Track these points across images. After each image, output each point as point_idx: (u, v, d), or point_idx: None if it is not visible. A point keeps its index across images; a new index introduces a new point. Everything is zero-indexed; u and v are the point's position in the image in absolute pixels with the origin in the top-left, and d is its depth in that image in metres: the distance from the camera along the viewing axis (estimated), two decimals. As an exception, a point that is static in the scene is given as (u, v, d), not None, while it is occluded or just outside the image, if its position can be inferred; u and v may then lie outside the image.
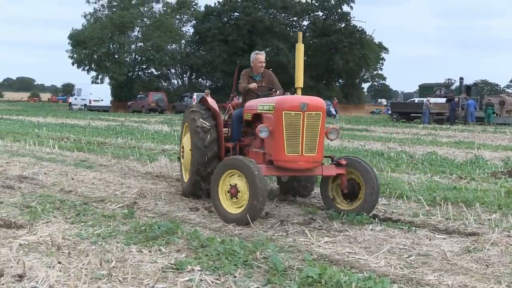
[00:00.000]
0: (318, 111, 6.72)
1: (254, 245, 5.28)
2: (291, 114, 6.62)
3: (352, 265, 4.94)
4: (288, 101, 6.85)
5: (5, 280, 4.26)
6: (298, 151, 6.61)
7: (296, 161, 6.63)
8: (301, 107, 6.61)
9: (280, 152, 6.63)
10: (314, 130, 6.67)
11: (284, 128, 6.61)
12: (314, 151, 6.68)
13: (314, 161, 6.74)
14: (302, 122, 6.59)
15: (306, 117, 6.61)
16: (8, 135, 18.66)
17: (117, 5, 65.89)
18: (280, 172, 6.99)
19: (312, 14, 69.44)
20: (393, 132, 26.16)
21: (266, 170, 6.70)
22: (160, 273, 4.52)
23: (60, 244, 5.27)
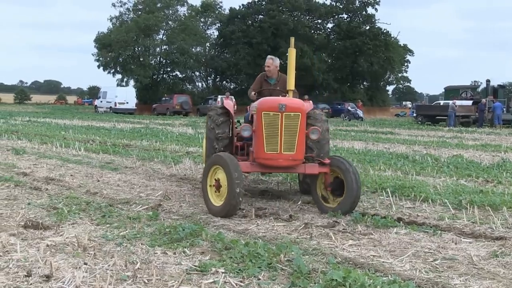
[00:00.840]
0: (297, 112, 7.08)
1: (278, 247, 5.26)
2: (270, 115, 7.06)
3: (376, 268, 4.89)
4: (268, 102, 7.24)
5: (33, 280, 4.32)
6: (277, 149, 7.02)
7: (276, 159, 7.06)
8: (279, 108, 7.01)
9: (260, 150, 7.10)
10: (293, 130, 7.04)
11: (263, 127, 7.05)
12: (293, 150, 7.04)
13: (293, 159, 7.09)
14: (280, 122, 7.01)
15: (285, 117, 7.02)
16: (35, 137, 18.94)
17: (142, 8, 66.50)
18: (262, 169, 7.42)
19: (336, 16, 69.20)
20: (418, 135, 25.91)
21: (248, 166, 7.24)
22: (184, 275, 4.54)
23: (86, 245, 5.32)
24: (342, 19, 69.04)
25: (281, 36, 61.72)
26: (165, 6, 67.45)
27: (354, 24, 66.85)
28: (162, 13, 66.60)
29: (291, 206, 7.66)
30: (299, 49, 61.33)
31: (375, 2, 67.43)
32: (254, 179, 10.26)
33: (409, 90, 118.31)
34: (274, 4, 64.01)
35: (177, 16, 68.74)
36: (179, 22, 67.12)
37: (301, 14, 66.83)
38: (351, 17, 68.92)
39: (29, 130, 23.09)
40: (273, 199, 8.36)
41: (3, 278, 4.36)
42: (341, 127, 32.64)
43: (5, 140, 17.61)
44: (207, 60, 68.04)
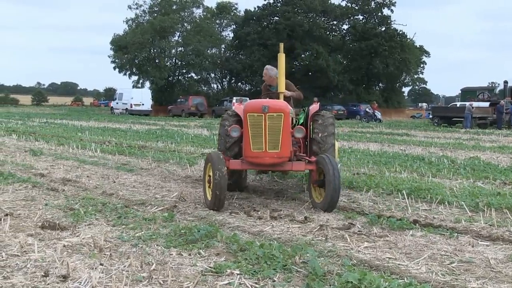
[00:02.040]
0: (279, 112, 7.53)
1: (293, 249, 5.26)
2: (254, 116, 7.55)
3: (392, 270, 4.87)
4: (252, 104, 7.76)
5: (50, 280, 4.37)
6: (262, 148, 7.50)
7: (261, 157, 7.54)
8: (263, 109, 7.49)
9: (247, 148, 7.61)
10: (276, 129, 7.49)
11: (249, 127, 7.54)
12: (278, 148, 7.50)
13: (278, 157, 7.54)
14: (264, 123, 7.48)
15: (268, 118, 7.49)
16: (52, 138, 19.11)
17: (158, 10, 66.80)
18: (250, 167, 7.90)
19: (352, 17, 68.99)
20: (434, 136, 25.73)
21: (239, 164, 7.76)
22: (199, 276, 4.55)
23: (102, 246, 5.37)
24: (357, 20, 68.78)
25: (296, 38, 61.72)
26: (181, 8, 67.68)
27: (370, 25, 66.56)
28: (177, 15, 66.84)
29: (306, 207, 7.64)
30: (315, 50, 61.38)
31: (391, 3, 67.13)
32: (269, 180, 10.27)
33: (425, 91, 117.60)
34: (290, 5, 63.95)
35: (192, 18, 68.95)
36: (195, 24, 67.32)
37: (316, 15, 66.71)
38: (366, 19, 68.66)
39: (46, 131, 23.31)
40: (288, 200, 8.35)
41: (21, 278, 4.41)
42: (356, 128, 32.51)
43: (23, 141, 17.79)
44: (222, 62, 68.17)
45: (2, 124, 27.57)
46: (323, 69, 60.46)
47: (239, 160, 7.83)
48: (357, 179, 9.91)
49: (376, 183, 9.46)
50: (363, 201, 8.17)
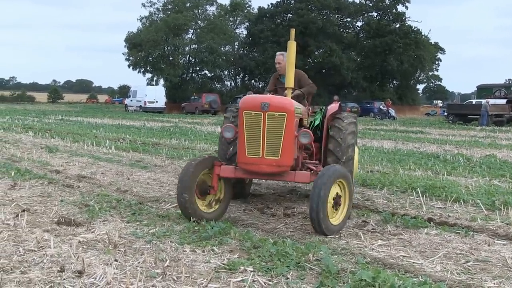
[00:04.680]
0: (282, 112, 6.26)
1: (306, 247, 5.26)
2: (251, 114, 6.30)
3: (406, 269, 4.85)
4: (250, 100, 6.44)
5: (66, 275, 4.40)
6: (259, 154, 6.26)
7: (257, 164, 6.29)
8: (262, 107, 6.24)
9: (242, 153, 6.36)
10: (277, 132, 6.23)
11: (245, 128, 6.33)
12: (277, 155, 6.23)
13: (278, 165, 6.27)
14: (263, 123, 6.24)
15: (268, 117, 6.24)
16: (67, 135, 19.25)
17: (171, 8, 66.99)
18: (244, 175, 6.62)
19: (366, 14, 68.68)
20: (449, 134, 25.57)
21: (232, 171, 6.55)
22: (213, 273, 4.56)
23: (117, 242, 5.39)
24: (371, 17, 68.48)
25: (309, 35, 61.54)
26: (194, 5, 67.84)
27: (384, 22, 66.23)
28: (191, 12, 67.01)
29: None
30: (328, 47, 61.19)
31: (406, 0, 66.73)
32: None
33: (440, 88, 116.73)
34: (303, 2, 63.78)
35: (206, 16, 69.12)
36: (208, 21, 67.46)
37: (330, 12, 66.47)
38: (381, 15, 68.31)
39: (62, 128, 23.48)
40: (301, 198, 8.35)
41: (38, 273, 4.45)
42: (370, 126, 32.38)
43: (39, 138, 17.94)
44: (235, 59, 68.22)
45: (19, 121, 27.81)
46: (337, 66, 60.26)
47: (232, 167, 6.57)
48: (371, 177, 9.88)
49: (390, 181, 9.43)
50: (377, 199, 8.16)
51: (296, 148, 6.53)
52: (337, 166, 6.32)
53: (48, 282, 4.25)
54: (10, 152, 13.42)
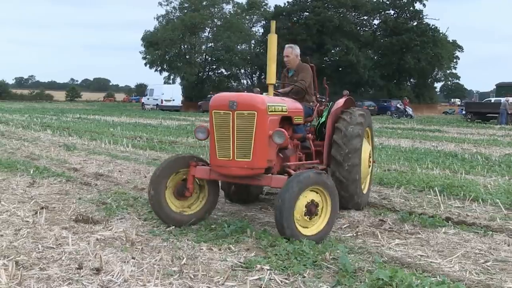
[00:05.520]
0: (251, 110, 5.77)
1: (323, 245, 5.26)
2: (220, 113, 5.89)
3: (424, 268, 4.82)
4: (219, 98, 6.02)
5: (84, 272, 4.44)
6: (230, 156, 5.85)
7: (228, 167, 5.88)
8: (230, 106, 5.80)
9: (213, 155, 5.98)
10: (247, 132, 5.78)
11: (214, 128, 5.95)
12: (249, 157, 5.78)
13: (250, 168, 5.81)
14: (232, 123, 5.81)
15: (237, 117, 5.79)
16: (85, 133, 19.41)
17: (188, 6, 67.20)
18: (218, 177, 6.22)
19: (383, 12, 68.30)
20: (467, 133, 25.33)
21: (205, 172, 6.17)
22: (230, 271, 4.57)
23: (134, 240, 5.43)
24: (388, 15, 68.08)
25: (326, 33, 61.39)
26: (211, 4, 68.00)
27: (401, 20, 65.83)
28: (207, 11, 67.17)
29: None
30: (345, 46, 60.96)
31: (423, -2, 66.26)
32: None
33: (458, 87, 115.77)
34: (320, 1, 63.63)
35: (222, 14, 69.27)
36: (225, 20, 67.58)
37: (346, 10, 66.21)
38: (398, 13, 67.88)
39: (80, 126, 23.66)
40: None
41: (57, 269, 4.50)
42: (387, 124, 32.20)
43: (57, 137, 18.09)
44: (252, 57, 68.26)
45: (37, 120, 28.08)
46: (354, 64, 60.01)
47: (208, 168, 6.16)
48: (387, 176, 9.82)
49: (408, 179, 9.37)
50: (394, 198, 8.11)
51: (274, 150, 6.01)
52: (309, 172, 5.71)
53: (66, 279, 4.29)
54: (29, 150, 13.56)
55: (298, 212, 5.48)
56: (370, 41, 66.54)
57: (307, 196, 5.57)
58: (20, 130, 20.86)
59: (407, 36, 62.19)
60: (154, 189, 6.06)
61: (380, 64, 65.94)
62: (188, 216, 6.24)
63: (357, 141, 6.99)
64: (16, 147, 14.17)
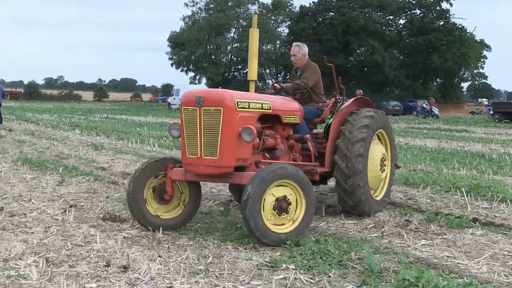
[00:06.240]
0: (217, 106, 5.56)
1: (348, 245, 5.25)
2: (188, 110, 5.72)
3: (451, 269, 4.77)
4: (187, 94, 5.89)
5: (111, 270, 4.52)
6: (197, 153, 5.65)
7: (196, 165, 5.68)
8: (197, 102, 5.62)
9: (183, 153, 5.82)
10: (214, 129, 5.57)
11: (184, 125, 5.79)
12: (216, 154, 5.56)
13: (217, 166, 5.59)
14: (199, 119, 5.63)
15: (203, 113, 5.60)
16: (112, 133, 19.64)
17: (214, 7, 67.51)
18: (190, 177, 5.92)
19: (409, 12, 67.69)
20: (495, 133, 24.99)
21: (181, 174, 5.92)
22: (255, 270, 4.59)
23: (160, 239, 5.50)
24: (414, 15, 67.45)
25: (351, 33, 61.11)
26: (236, 4, 68.24)
27: (428, 19, 65.19)
28: (233, 11, 67.40)
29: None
30: (370, 46, 60.58)
31: (450, -3, 65.50)
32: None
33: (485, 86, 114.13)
34: (345, 1, 63.33)
35: (248, 15, 69.35)
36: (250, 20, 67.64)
37: (372, 10, 65.80)
38: (424, 13, 67.23)
39: (107, 126, 23.94)
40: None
41: (85, 267, 4.58)
42: (413, 124, 31.92)
43: (85, 136, 18.36)
44: (277, 58, 68.24)
45: (66, 119, 28.53)
46: (379, 64, 59.59)
47: (183, 169, 5.92)
48: (413, 176, 9.75)
49: (434, 180, 9.29)
50: (420, 198, 8.04)
51: (246, 148, 5.72)
52: (278, 165, 5.53)
53: (94, 276, 4.36)
54: (58, 149, 13.79)
55: (266, 208, 5.32)
56: (396, 41, 66.01)
57: (275, 192, 5.38)
58: (49, 129, 21.23)
59: (433, 35, 61.56)
60: (132, 192, 5.87)
61: (406, 64, 65.38)
62: (165, 221, 5.99)
63: (360, 145, 6.58)
64: (45, 147, 14.44)
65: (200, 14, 69.06)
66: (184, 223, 6.11)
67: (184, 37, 64.00)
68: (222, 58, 67.85)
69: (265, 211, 5.31)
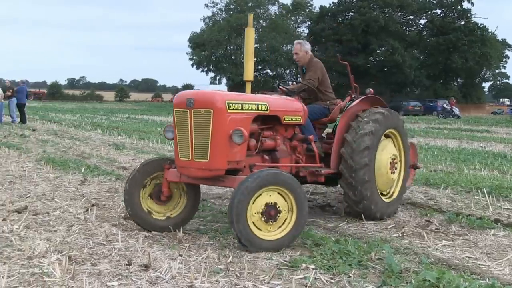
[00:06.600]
0: (208, 108, 5.45)
1: (369, 245, 5.24)
2: (180, 112, 5.64)
3: (472, 270, 4.74)
4: (179, 96, 5.80)
5: (133, 268, 4.56)
6: (189, 156, 5.57)
7: (188, 168, 5.62)
8: (187, 104, 5.53)
9: (176, 155, 5.76)
10: (204, 131, 5.47)
11: (176, 127, 5.73)
12: (206, 157, 5.46)
13: (208, 169, 5.49)
14: (190, 121, 5.53)
15: (194, 115, 5.51)
16: (134, 133, 19.81)
17: (234, 8, 67.68)
18: (184, 179, 5.86)
19: (429, 12, 67.16)
20: (517, 133, 24.68)
21: (175, 175, 5.87)
22: (275, 269, 4.60)
23: (181, 238, 5.54)
24: (435, 14, 66.92)
25: (371, 34, 60.85)
26: (256, 5, 68.34)
27: (448, 19, 64.66)
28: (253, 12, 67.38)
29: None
30: (390, 46, 60.22)
31: (472, -4, 64.86)
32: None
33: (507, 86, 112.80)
34: (365, 1, 63.08)
35: (268, 15, 69.49)
36: (270, 21, 67.78)
37: (392, 10, 65.43)
38: (445, 13, 66.68)
39: (128, 126, 24.13)
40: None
41: (107, 265, 4.64)
42: (434, 124, 31.67)
43: (107, 136, 18.54)
44: (296, 58, 68.15)
45: (88, 119, 28.86)
46: (399, 64, 59.24)
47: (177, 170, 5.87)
48: (434, 176, 9.69)
49: (455, 180, 9.22)
50: (441, 199, 7.99)
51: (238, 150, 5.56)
52: (268, 171, 5.35)
53: (116, 275, 4.41)
54: (80, 149, 13.95)
55: (253, 214, 5.18)
56: (416, 41, 65.56)
57: (264, 198, 5.24)
58: (72, 129, 21.49)
59: (454, 35, 61.07)
60: (128, 194, 5.89)
61: (426, 64, 64.93)
62: (162, 221, 5.98)
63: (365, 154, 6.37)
64: (68, 146, 14.63)
65: (220, 15, 69.35)
66: (183, 223, 6.04)
67: (205, 38, 64.28)
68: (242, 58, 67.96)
69: (252, 217, 5.18)
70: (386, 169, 6.75)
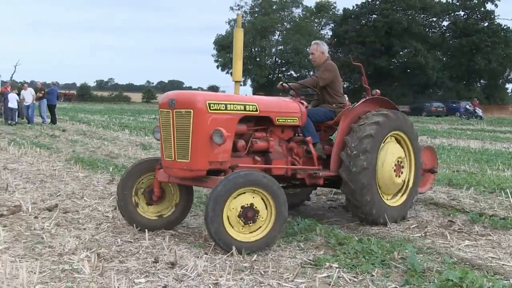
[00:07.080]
0: (188, 108, 5.41)
1: (391, 245, 5.27)
2: (164, 112, 5.64)
3: (496, 271, 4.74)
4: (163, 97, 5.76)
5: (159, 266, 4.67)
6: (172, 156, 5.55)
7: (171, 168, 5.60)
8: (170, 104, 5.52)
9: (162, 155, 5.74)
10: (185, 131, 5.43)
11: (161, 128, 5.74)
12: (187, 157, 5.42)
13: (189, 169, 5.44)
14: (172, 122, 5.52)
15: (176, 115, 5.49)
16: (158, 134, 19.95)
17: (258, 11, 67.95)
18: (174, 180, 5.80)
19: (452, 14, 66.53)
20: (542, 134, 24.31)
21: (165, 176, 5.81)
22: (299, 268, 4.66)
23: (207, 237, 5.58)
24: (458, 16, 66.26)
25: (394, 35, 60.57)
26: (281, 8, 68.52)
27: (471, 21, 63.96)
28: (277, 15, 67.71)
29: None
30: (413, 47, 59.81)
31: (495, -2, 64.05)
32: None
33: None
34: (388, 3, 62.77)
35: (292, 18, 69.63)
36: (294, 23, 67.90)
37: (415, 12, 64.96)
38: (468, 14, 65.96)
39: (154, 127, 24.30)
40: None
41: (135, 262, 4.75)
42: (456, 125, 31.38)
43: (134, 136, 18.75)
44: (320, 60, 68.07)
45: (116, 120, 29.20)
46: (422, 66, 58.82)
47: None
48: (456, 177, 9.65)
49: (477, 181, 9.18)
50: (464, 199, 7.97)
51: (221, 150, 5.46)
52: (242, 172, 5.19)
53: (143, 272, 4.51)
54: (108, 149, 14.18)
55: (230, 216, 5.10)
56: (439, 42, 65.00)
57: (242, 199, 5.13)
58: (100, 130, 21.79)
59: (477, 37, 60.50)
60: (121, 194, 5.92)
61: (449, 65, 64.39)
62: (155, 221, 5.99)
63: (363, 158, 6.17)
64: (96, 146, 14.88)
65: (245, 18, 69.57)
66: (177, 223, 6.10)
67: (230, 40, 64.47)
68: (267, 60, 68.23)
69: (229, 219, 5.10)
70: (390, 172, 6.49)
